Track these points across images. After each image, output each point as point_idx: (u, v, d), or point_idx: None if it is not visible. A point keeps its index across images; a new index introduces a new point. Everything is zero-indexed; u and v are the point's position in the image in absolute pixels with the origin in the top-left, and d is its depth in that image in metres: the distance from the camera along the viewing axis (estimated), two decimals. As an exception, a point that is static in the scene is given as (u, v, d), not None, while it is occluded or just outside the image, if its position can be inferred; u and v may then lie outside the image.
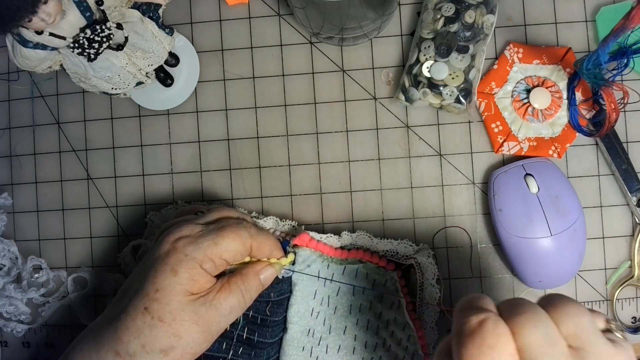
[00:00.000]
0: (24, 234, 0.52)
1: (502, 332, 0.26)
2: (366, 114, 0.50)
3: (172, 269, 0.36)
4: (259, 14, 0.50)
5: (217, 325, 0.37)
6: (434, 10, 0.46)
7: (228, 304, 0.37)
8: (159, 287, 0.36)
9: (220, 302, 0.37)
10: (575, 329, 0.26)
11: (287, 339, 0.44)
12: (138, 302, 0.36)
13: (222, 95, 0.51)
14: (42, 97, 0.52)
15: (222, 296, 0.37)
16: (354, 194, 0.50)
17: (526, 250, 0.45)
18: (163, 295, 0.36)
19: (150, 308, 0.35)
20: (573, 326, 0.26)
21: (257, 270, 0.40)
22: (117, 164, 0.51)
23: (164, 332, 0.35)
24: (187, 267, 0.36)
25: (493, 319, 0.26)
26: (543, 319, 0.26)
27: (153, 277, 0.36)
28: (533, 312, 0.26)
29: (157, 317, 0.35)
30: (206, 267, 0.37)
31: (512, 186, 0.46)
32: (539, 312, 0.26)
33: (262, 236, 0.40)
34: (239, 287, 0.38)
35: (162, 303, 0.35)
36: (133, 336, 0.35)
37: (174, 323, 0.35)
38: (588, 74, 0.42)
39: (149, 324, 0.35)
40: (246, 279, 0.39)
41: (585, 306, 0.28)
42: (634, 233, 0.48)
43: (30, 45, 0.41)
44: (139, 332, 0.35)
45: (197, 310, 0.36)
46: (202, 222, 0.39)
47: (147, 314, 0.35)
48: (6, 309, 0.50)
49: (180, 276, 0.36)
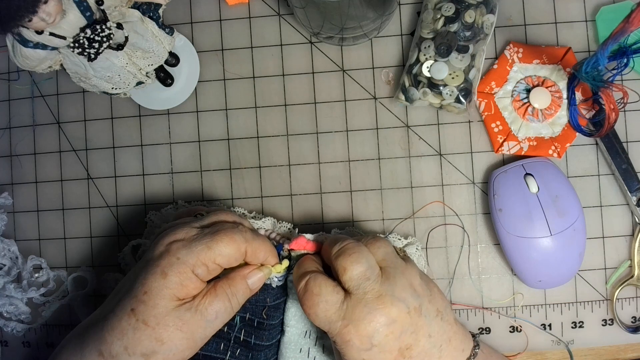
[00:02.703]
0: (24, 233, 0.52)
1: (320, 281, 0.37)
2: (366, 114, 0.50)
3: (162, 272, 0.36)
4: (259, 13, 0.50)
5: (202, 332, 0.37)
6: (434, 10, 0.46)
7: (213, 309, 0.37)
8: (147, 289, 0.35)
9: (206, 307, 0.36)
10: (383, 255, 0.39)
11: (285, 341, 0.44)
12: (126, 303, 0.36)
13: (222, 95, 0.51)
14: (42, 96, 0.52)
15: (207, 301, 0.37)
16: (354, 193, 0.50)
17: (526, 250, 0.45)
18: (150, 298, 0.35)
19: (137, 310, 0.35)
20: (382, 253, 0.39)
21: (244, 274, 0.39)
22: (117, 163, 0.51)
23: (147, 336, 0.35)
24: (178, 271, 0.36)
25: (312, 276, 0.38)
26: (365, 254, 0.38)
27: (143, 278, 0.36)
28: (358, 252, 0.37)
29: (141, 319, 0.35)
30: (198, 271, 0.36)
31: (512, 186, 0.46)
32: (363, 250, 0.38)
33: (258, 241, 0.39)
34: (225, 291, 0.37)
35: (149, 306, 0.35)
36: (117, 337, 0.35)
37: (158, 327, 0.35)
38: (587, 76, 0.42)
39: (133, 326, 0.35)
40: (232, 283, 0.38)
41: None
42: (633, 233, 0.48)
43: (30, 45, 0.41)
44: (122, 333, 0.35)
45: (181, 315, 0.36)
46: (198, 225, 0.39)
47: (133, 315, 0.35)
48: (6, 308, 0.50)
49: (170, 280, 0.36)
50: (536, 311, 0.48)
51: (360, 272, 0.37)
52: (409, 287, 0.37)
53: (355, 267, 0.37)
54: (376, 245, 0.39)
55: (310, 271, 0.39)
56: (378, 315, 0.36)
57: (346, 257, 0.37)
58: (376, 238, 0.40)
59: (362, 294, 0.36)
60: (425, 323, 0.37)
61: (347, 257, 0.37)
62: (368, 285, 0.36)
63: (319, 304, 0.37)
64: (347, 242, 0.39)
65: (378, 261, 0.38)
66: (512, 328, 0.48)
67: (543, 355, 0.49)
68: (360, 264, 0.37)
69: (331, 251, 0.39)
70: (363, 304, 0.36)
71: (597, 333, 0.48)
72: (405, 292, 0.37)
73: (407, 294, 0.37)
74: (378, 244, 0.39)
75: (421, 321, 0.37)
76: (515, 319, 0.48)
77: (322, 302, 0.37)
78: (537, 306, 0.48)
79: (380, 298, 0.36)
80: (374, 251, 0.39)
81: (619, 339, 0.48)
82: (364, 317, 0.36)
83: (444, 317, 0.38)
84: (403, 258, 0.40)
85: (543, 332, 0.48)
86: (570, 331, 0.48)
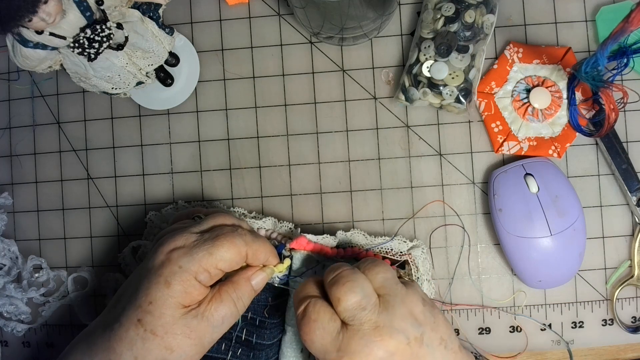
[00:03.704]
0: (24, 233, 0.52)
1: (319, 307, 0.36)
2: (366, 114, 0.50)
3: (165, 281, 0.36)
4: (259, 13, 0.50)
5: (210, 337, 0.37)
6: (434, 10, 0.46)
7: (220, 315, 0.37)
8: (152, 299, 0.35)
9: (212, 313, 0.36)
10: (382, 281, 0.36)
11: (286, 340, 0.44)
12: (131, 313, 0.36)
13: (222, 95, 0.51)
14: (42, 96, 0.52)
15: (213, 307, 0.37)
16: (354, 193, 0.50)
17: (526, 250, 0.45)
18: (155, 308, 0.35)
19: (143, 320, 0.35)
20: (380, 280, 0.36)
21: (248, 277, 0.39)
22: (117, 163, 0.51)
23: (157, 345, 0.35)
24: (181, 280, 0.36)
25: (312, 302, 0.36)
26: (361, 282, 0.35)
27: (146, 288, 0.36)
28: (353, 280, 0.35)
29: (149, 330, 0.35)
30: (201, 278, 0.36)
31: (512, 186, 0.46)
32: (358, 278, 0.36)
33: (258, 243, 0.39)
34: (230, 295, 0.38)
35: (155, 316, 0.35)
36: (126, 347, 0.35)
37: (166, 336, 0.35)
38: (587, 76, 0.42)
39: (141, 337, 0.35)
40: (237, 287, 0.38)
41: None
42: (633, 233, 0.48)
43: (30, 45, 0.41)
44: (131, 343, 0.35)
45: (189, 323, 0.36)
46: (197, 230, 0.39)
47: (140, 326, 0.35)
48: (6, 308, 0.50)
49: (174, 289, 0.35)
50: (536, 311, 0.48)
51: (355, 302, 0.35)
52: (409, 316, 0.35)
53: (349, 297, 0.35)
54: (374, 271, 0.37)
55: (310, 296, 0.37)
56: (375, 349, 0.34)
57: (340, 286, 0.35)
58: (375, 263, 0.38)
59: (358, 324, 0.34)
60: (427, 353, 0.35)
61: (340, 287, 0.35)
62: (364, 316, 0.34)
63: (315, 330, 0.35)
64: (342, 269, 0.37)
65: (376, 288, 0.36)
66: (512, 328, 0.48)
67: (543, 355, 0.49)
68: (355, 294, 0.35)
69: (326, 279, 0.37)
70: (359, 335, 0.34)
71: (597, 333, 0.48)
72: (405, 321, 0.35)
73: (407, 323, 0.35)
74: (376, 269, 0.37)
75: (422, 351, 0.35)
76: (516, 315, 0.48)
77: (319, 329, 0.35)
78: (537, 306, 0.48)
79: (377, 329, 0.34)
80: (372, 277, 0.36)
81: (619, 339, 0.48)
82: (360, 350, 0.34)
83: (447, 345, 0.36)
84: (404, 282, 0.38)
85: (543, 332, 0.48)
86: (570, 331, 0.48)
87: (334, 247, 0.46)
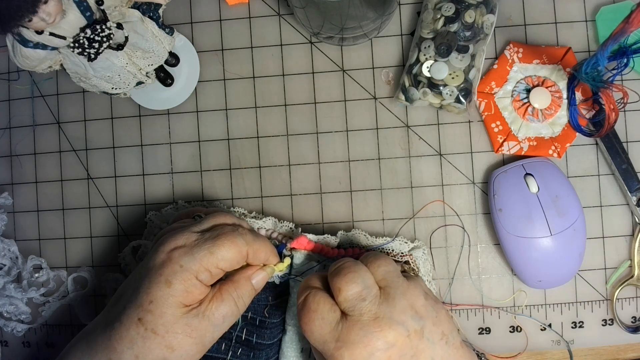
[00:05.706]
0: (24, 233, 0.52)
1: (319, 298, 0.36)
2: (366, 114, 0.50)
3: (166, 281, 0.36)
4: (259, 13, 0.50)
5: (211, 336, 0.37)
6: (434, 10, 0.46)
7: (220, 314, 0.37)
8: (152, 298, 0.35)
9: (213, 312, 0.37)
10: (383, 274, 0.37)
11: (286, 340, 0.44)
12: (132, 312, 0.36)
13: (222, 95, 0.51)
14: (42, 96, 0.52)
15: (214, 306, 0.37)
16: (354, 193, 0.50)
17: (526, 250, 0.45)
18: (156, 307, 0.35)
19: (144, 319, 0.35)
20: (382, 272, 0.37)
21: (248, 276, 0.39)
22: (117, 163, 0.51)
23: (157, 344, 0.35)
24: (182, 279, 0.36)
25: (312, 292, 0.37)
26: (362, 273, 0.36)
27: (147, 287, 0.36)
28: (354, 271, 0.36)
29: (150, 329, 0.35)
30: (202, 277, 0.36)
31: (512, 186, 0.46)
32: (360, 269, 0.36)
33: (258, 242, 0.39)
34: (231, 294, 0.38)
35: (156, 315, 0.35)
36: (126, 346, 0.35)
37: (167, 335, 0.35)
38: (587, 76, 0.42)
39: (142, 336, 0.35)
40: (238, 286, 0.38)
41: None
42: (633, 233, 0.48)
43: (30, 44, 0.41)
44: (132, 342, 0.35)
45: (190, 322, 0.36)
46: (198, 229, 0.39)
47: (141, 325, 0.35)
48: (6, 308, 0.50)
49: (174, 288, 0.36)
50: (536, 311, 0.48)
51: (356, 292, 0.35)
52: (409, 309, 0.35)
53: (350, 287, 0.35)
54: (376, 264, 0.37)
55: (312, 287, 0.38)
56: (374, 339, 0.34)
57: (341, 277, 0.36)
58: (377, 256, 0.38)
59: (358, 315, 0.35)
60: (427, 346, 0.35)
61: (342, 277, 0.36)
62: (364, 307, 0.35)
63: (315, 320, 0.36)
64: (344, 261, 0.37)
65: (377, 280, 0.37)
66: (512, 328, 0.48)
67: (543, 355, 0.49)
68: (356, 284, 0.35)
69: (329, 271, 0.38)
70: (359, 326, 0.35)
71: (597, 333, 0.48)
72: (405, 314, 0.35)
73: (407, 316, 0.35)
74: (378, 262, 0.38)
75: (423, 344, 0.35)
76: (516, 315, 0.48)
77: (319, 319, 0.36)
78: (537, 306, 0.48)
79: (377, 320, 0.35)
80: (374, 270, 0.37)
81: (619, 339, 0.48)
82: (359, 341, 0.34)
83: (449, 340, 0.36)
84: (407, 276, 0.38)
85: (543, 332, 0.48)
86: (570, 331, 0.48)
87: (335, 247, 0.46)
